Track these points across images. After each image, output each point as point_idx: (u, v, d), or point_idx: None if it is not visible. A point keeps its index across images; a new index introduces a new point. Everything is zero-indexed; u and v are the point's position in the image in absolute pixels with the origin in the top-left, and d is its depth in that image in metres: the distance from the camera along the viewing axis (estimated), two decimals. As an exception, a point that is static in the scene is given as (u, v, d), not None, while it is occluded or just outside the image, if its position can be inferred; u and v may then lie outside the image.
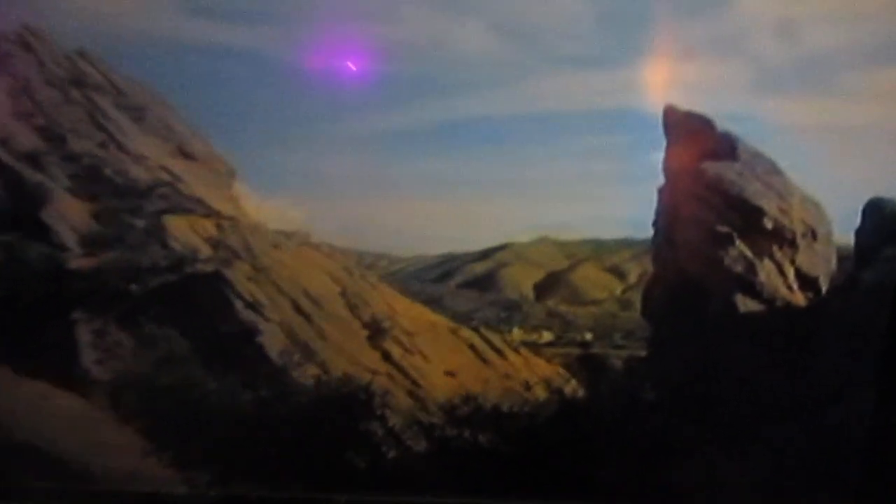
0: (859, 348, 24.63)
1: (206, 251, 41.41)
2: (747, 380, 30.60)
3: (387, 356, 39.95)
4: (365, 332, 41.08)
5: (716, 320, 33.65)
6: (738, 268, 34.39)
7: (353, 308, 42.56)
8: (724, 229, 34.88)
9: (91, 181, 45.33)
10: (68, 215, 42.08)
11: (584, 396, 37.86)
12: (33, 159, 45.91)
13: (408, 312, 46.63)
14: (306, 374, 33.35)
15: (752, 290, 34.20)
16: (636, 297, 69.18)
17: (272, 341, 36.02)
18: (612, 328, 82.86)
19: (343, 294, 43.42)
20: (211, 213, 45.29)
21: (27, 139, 46.40)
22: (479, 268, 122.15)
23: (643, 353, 43.67)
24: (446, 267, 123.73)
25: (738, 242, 34.98)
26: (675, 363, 33.82)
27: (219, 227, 44.42)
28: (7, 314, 34.30)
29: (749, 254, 34.78)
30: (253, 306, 37.64)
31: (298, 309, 39.42)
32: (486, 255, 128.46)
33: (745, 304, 33.91)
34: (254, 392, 28.39)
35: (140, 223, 41.99)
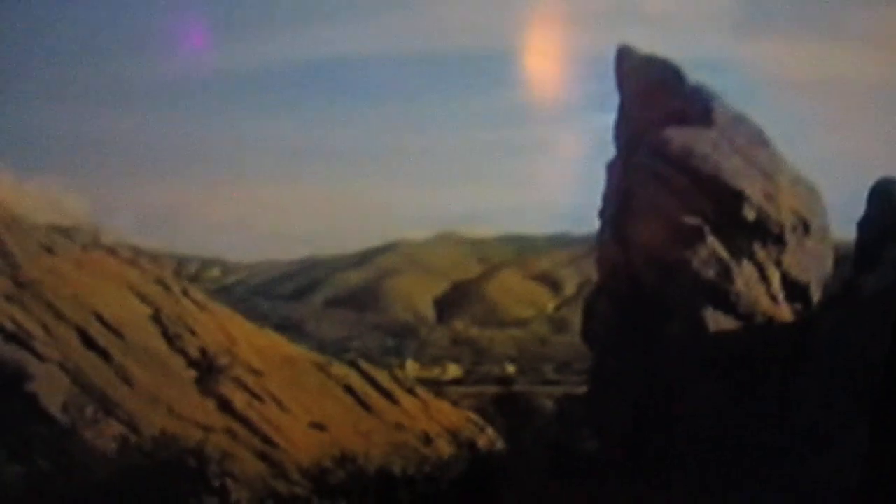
0: (857, 379, 25.08)
1: None
2: (714, 426, 31.19)
3: (225, 405, 40.04)
4: (191, 373, 41.07)
5: (677, 345, 33.93)
6: (709, 273, 34.69)
7: (173, 338, 42.41)
8: (691, 220, 35.12)
9: None
10: None
11: (502, 451, 38.85)
12: None
13: (254, 343, 46.82)
14: (105, 435, 33.44)
15: (726, 302, 34.57)
16: (574, 316, 70.15)
17: (51, 389, 35.55)
18: (542, 358, 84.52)
19: (156, 318, 43.15)
20: None
21: None
22: (355, 277, 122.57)
23: (581, 391, 44.53)
24: (308, 277, 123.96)
25: (709, 239, 35.26)
26: (622, 404, 34.28)
27: None
28: None
29: (724, 254, 35.05)
30: (18, 338, 37.07)
31: (89, 341, 39.00)
32: (364, 258, 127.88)
33: (716, 321, 34.29)
34: (27, 464, 27.45)
35: None
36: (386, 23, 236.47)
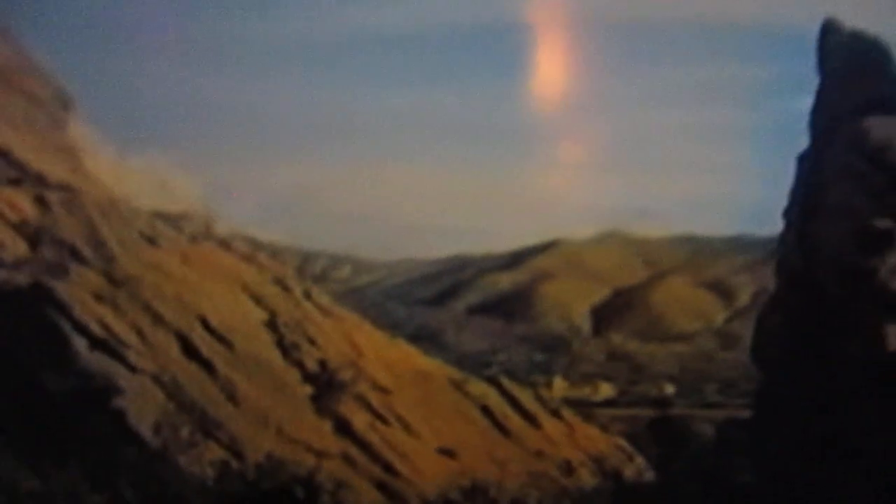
0: None
1: (15, 247, 40.35)
2: (890, 463, 30.12)
3: (343, 427, 39.45)
4: (307, 389, 40.60)
5: (854, 366, 33.10)
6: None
7: (289, 349, 41.99)
8: (883, 224, 34.24)
9: None
10: None
11: (652, 482, 39.27)
12: None
13: (383, 355, 46.42)
14: (204, 460, 32.45)
15: None
16: (746, 330, 69.18)
17: (143, 405, 35.11)
18: (705, 377, 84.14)
19: (272, 325, 42.81)
20: (25, 177, 43.99)
21: None
22: (506, 280, 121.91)
23: (746, 416, 44.01)
24: (452, 279, 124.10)
25: None
26: (791, 432, 33.65)
27: (40, 202, 43.32)
28: None
29: None
30: (107, 346, 36.55)
31: (191, 350, 38.50)
32: (517, 259, 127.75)
33: None
34: (110, 493, 26.90)
35: None
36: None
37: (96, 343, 36.40)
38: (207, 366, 38.28)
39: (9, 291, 37.57)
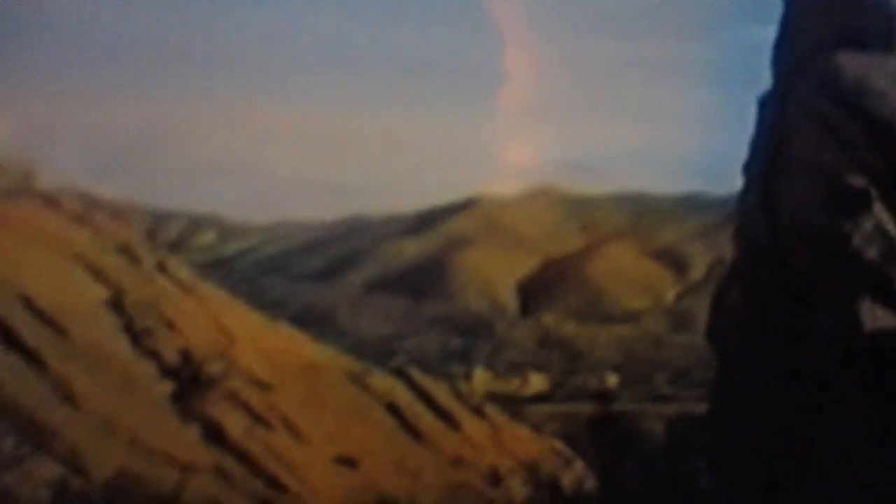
0: None
1: None
2: (864, 463, 29.83)
3: (214, 432, 39.56)
4: (166, 387, 40.74)
5: (827, 351, 32.54)
6: (871, 252, 32.63)
7: (139, 336, 42.01)
8: (857, 181, 33.15)
9: None
10: None
11: (594, 491, 40.09)
12: None
13: (260, 343, 46.77)
14: (36, 479, 32.56)
15: (888, 292, 32.40)
16: (701, 307, 70.05)
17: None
18: (654, 364, 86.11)
19: (116, 305, 42.78)
20: None
21: None
22: (412, 249, 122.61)
23: (701, 410, 43.80)
24: (345, 246, 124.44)
25: (875, 207, 33.12)
26: (753, 428, 33.64)
27: None
28: None
29: (892, 228, 32.82)
30: None
31: (12, 338, 37.92)
32: (426, 221, 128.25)
33: (875, 318, 32.18)
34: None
35: None
36: None
37: None
38: (35, 359, 37.78)
39: None
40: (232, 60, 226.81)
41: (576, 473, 44.55)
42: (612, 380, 79.83)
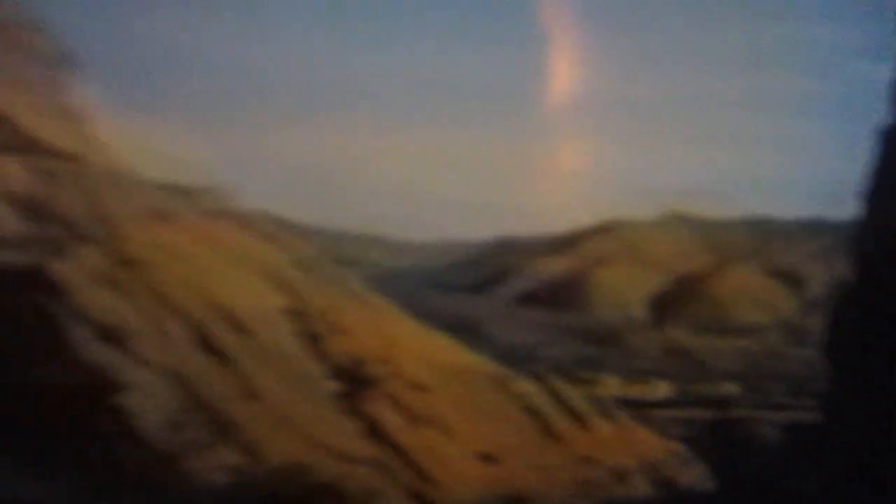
0: None
1: (9, 224, 39.83)
2: None
3: (374, 429, 39.29)
4: (335, 386, 40.58)
5: None
6: None
7: (313, 340, 42.03)
8: None
9: None
10: None
11: (711, 491, 39.29)
12: None
13: (418, 349, 46.24)
14: (215, 465, 32.59)
15: None
16: (816, 324, 69.15)
17: (148, 402, 34.66)
18: (773, 376, 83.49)
19: (295, 313, 42.80)
20: (21, 144, 43.45)
21: None
22: (557, 266, 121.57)
23: (814, 419, 43.08)
24: (496, 263, 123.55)
25: None
26: (865, 440, 32.65)
27: (40, 173, 43.00)
28: None
29: None
30: (112, 335, 36.07)
31: (204, 341, 38.23)
32: (569, 242, 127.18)
33: None
34: (112, 500, 26.64)
35: None
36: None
37: (99, 332, 35.94)
38: (223, 359, 38.03)
39: (3, 273, 37.07)
40: (397, 95, 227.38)
41: (694, 474, 43.58)
42: (732, 388, 77.88)
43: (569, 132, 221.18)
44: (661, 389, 75.74)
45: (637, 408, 58.18)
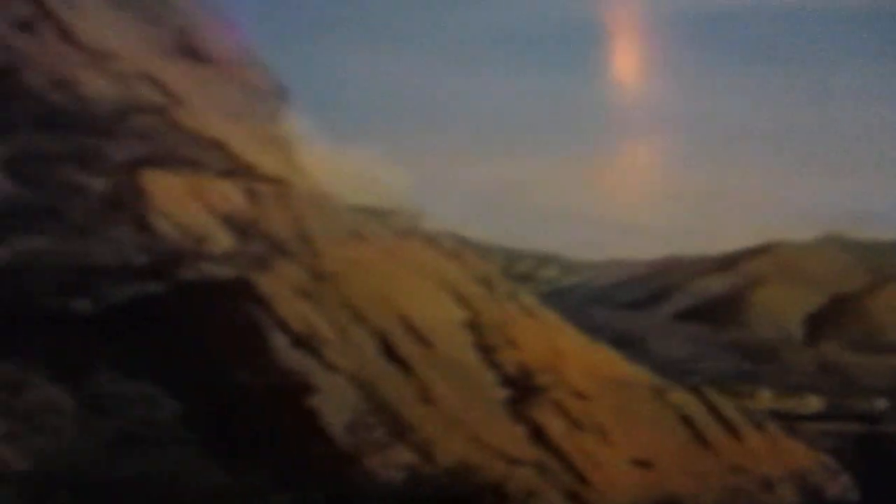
0: None
1: (223, 240, 40.07)
2: None
3: (538, 433, 38.62)
4: (505, 393, 39.98)
5: None
6: None
7: (488, 351, 41.47)
8: None
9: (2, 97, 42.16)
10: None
11: (857, 502, 38.64)
12: None
13: (584, 360, 45.34)
14: (394, 463, 32.34)
15: None
16: None
17: (336, 405, 34.58)
18: None
19: (473, 325, 42.41)
20: (236, 169, 43.42)
21: None
22: (716, 284, 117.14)
23: None
24: (660, 281, 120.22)
25: None
26: None
27: (250, 195, 43.18)
28: None
29: None
30: (306, 343, 36.26)
31: (389, 350, 38.07)
32: (729, 262, 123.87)
33: None
34: (297, 493, 26.54)
35: (96, 184, 39.54)
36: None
37: (295, 340, 36.20)
38: (405, 366, 37.82)
39: (212, 285, 37.55)
40: (575, 126, 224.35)
41: (841, 485, 42.16)
42: (881, 404, 73.31)
43: (733, 161, 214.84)
44: (813, 403, 72.02)
45: (789, 420, 55.90)
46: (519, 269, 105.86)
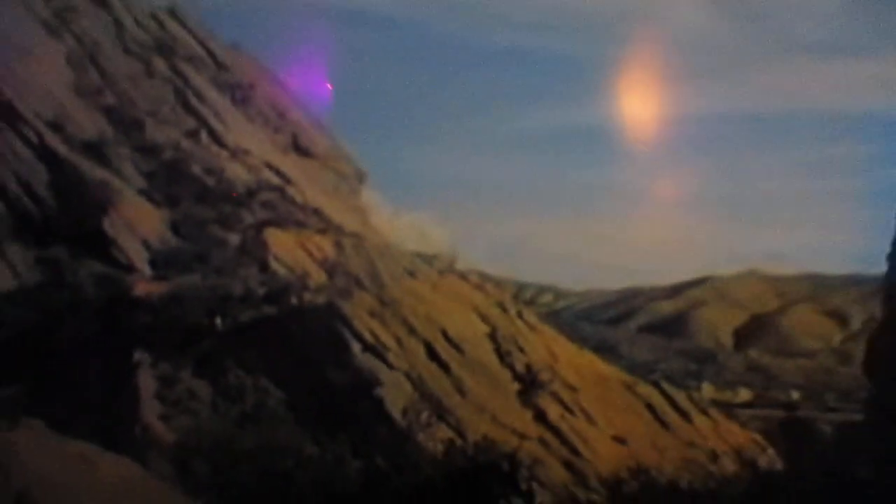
0: None
1: (318, 277, 39.71)
2: None
3: (541, 416, 37.69)
4: (516, 386, 38.86)
5: None
6: None
7: (504, 355, 40.35)
8: None
9: (172, 181, 41.10)
10: (138, 225, 37.50)
11: (782, 471, 36.12)
12: (97, 150, 39.78)
13: (573, 362, 44.10)
14: (436, 438, 31.13)
15: None
16: (858, 349, 63.10)
17: (395, 395, 34.09)
18: (825, 386, 77.56)
19: (493, 336, 41.29)
20: (329, 228, 43.39)
21: (91, 123, 40.91)
22: (668, 307, 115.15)
23: (860, 419, 40.11)
24: (627, 305, 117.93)
25: None
26: None
27: (338, 246, 42.86)
28: (49, 353, 31.34)
29: None
30: (374, 349, 35.73)
31: (433, 354, 37.46)
32: (677, 290, 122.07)
33: None
34: (366, 460, 25.77)
35: (233, 238, 39.90)
36: (733, 81, 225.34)
37: (367, 347, 35.94)
38: (445, 366, 37.29)
39: (310, 309, 37.76)
40: (568, 198, 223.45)
41: (769, 458, 40.68)
42: (796, 395, 72.03)
43: (682, 220, 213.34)
44: (744, 395, 70.68)
45: (726, 408, 54.68)
46: (524, 296, 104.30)
